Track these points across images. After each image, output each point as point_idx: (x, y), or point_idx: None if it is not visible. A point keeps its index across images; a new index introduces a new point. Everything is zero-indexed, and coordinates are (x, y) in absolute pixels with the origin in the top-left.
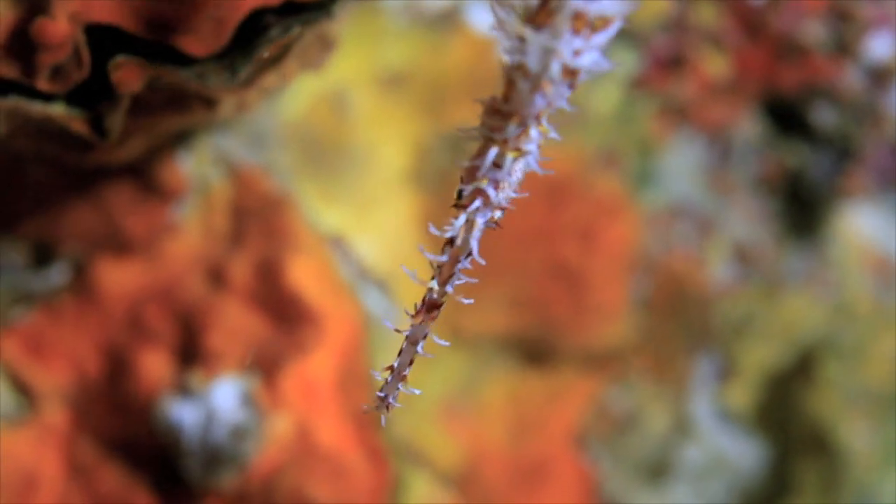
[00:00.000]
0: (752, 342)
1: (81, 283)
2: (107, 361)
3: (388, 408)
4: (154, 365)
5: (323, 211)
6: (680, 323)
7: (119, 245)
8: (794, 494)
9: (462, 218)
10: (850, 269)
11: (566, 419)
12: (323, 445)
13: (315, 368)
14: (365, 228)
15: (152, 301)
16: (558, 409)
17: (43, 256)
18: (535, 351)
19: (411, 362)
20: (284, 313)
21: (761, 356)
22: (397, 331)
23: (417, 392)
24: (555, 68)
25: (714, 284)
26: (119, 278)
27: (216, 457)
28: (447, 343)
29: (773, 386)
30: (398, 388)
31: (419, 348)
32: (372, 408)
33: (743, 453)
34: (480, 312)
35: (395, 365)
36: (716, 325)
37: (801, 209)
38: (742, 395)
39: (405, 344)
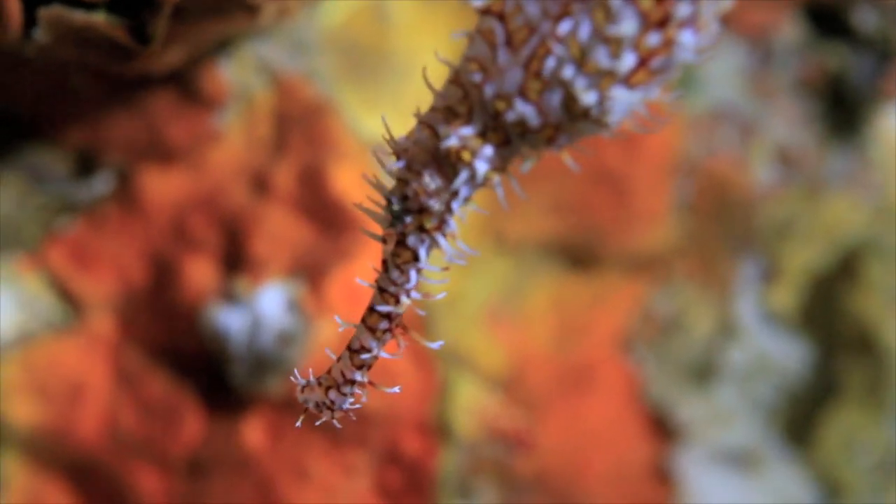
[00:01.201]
0: (795, 244)
1: (125, 191)
2: (152, 270)
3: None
4: (199, 272)
5: (364, 118)
6: (723, 226)
7: (162, 154)
8: (840, 394)
9: (443, 242)
10: (892, 171)
11: (611, 323)
12: None
13: (360, 274)
14: None
15: (196, 209)
16: (603, 314)
17: (86, 166)
18: (579, 256)
19: (370, 367)
20: (328, 220)
21: (804, 258)
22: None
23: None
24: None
25: (757, 187)
26: (162, 187)
27: (262, 362)
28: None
29: (817, 287)
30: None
31: (382, 352)
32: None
33: (788, 354)
34: (524, 218)
35: (358, 378)
36: (759, 228)
37: (843, 111)
38: (786, 296)
39: (369, 357)
